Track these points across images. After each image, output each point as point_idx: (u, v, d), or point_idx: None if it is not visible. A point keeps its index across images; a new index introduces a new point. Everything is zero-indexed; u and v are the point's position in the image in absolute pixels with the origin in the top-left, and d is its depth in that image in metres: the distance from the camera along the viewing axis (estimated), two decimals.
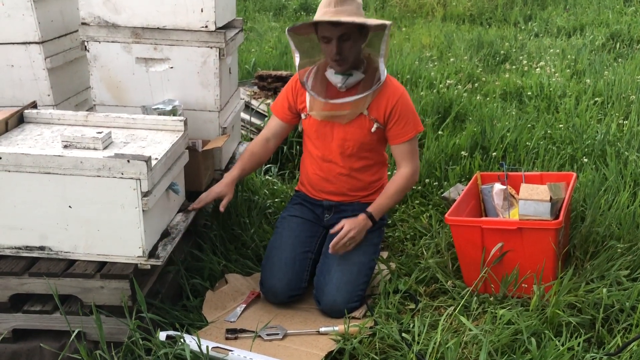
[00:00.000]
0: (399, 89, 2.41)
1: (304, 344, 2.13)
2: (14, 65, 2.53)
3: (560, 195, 2.37)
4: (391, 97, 2.37)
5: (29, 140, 2.15)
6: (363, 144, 2.42)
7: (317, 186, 2.54)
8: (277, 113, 2.54)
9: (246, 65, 5.29)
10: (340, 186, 2.49)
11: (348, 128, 2.40)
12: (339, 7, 2.22)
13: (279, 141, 2.60)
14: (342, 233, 2.32)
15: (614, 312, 2.18)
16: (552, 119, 4.08)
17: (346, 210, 2.50)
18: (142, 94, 2.53)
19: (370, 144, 2.43)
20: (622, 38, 6.26)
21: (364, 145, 2.42)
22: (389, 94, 2.37)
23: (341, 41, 2.25)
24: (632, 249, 2.49)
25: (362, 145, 2.42)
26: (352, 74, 2.34)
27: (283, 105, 2.51)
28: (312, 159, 2.52)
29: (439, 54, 6.02)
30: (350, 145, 2.42)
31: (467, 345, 2.04)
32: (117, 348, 1.97)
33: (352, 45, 2.28)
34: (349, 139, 2.41)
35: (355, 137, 2.41)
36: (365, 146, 2.43)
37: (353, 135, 2.41)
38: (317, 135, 2.47)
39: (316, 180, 2.53)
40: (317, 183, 2.53)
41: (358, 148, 2.42)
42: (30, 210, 1.97)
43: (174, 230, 2.22)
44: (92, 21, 2.45)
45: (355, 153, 2.43)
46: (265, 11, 8.51)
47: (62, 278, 1.97)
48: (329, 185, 2.51)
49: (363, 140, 2.41)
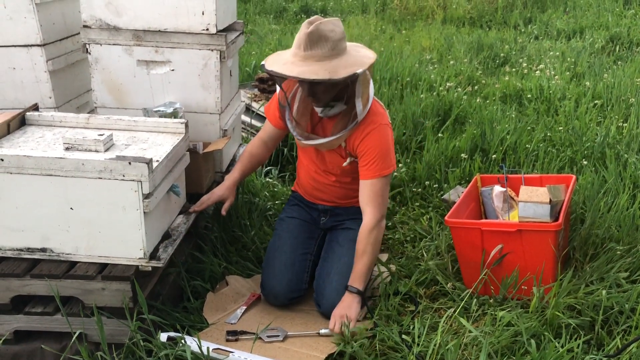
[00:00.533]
0: (373, 124, 2.27)
1: (304, 346, 2.14)
2: (16, 68, 2.54)
3: (560, 198, 2.38)
4: (363, 131, 2.27)
5: (30, 143, 2.16)
6: (342, 169, 2.41)
7: (311, 193, 2.56)
8: (271, 119, 2.53)
9: (247, 67, 5.30)
10: (332, 195, 2.50)
11: (329, 153, 2.40)
12: (308, 52, 2.08)
13: (276, 143, 2.62)
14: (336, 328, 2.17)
15: (614, 314, 2.19)
16: (552, 122, 4.09)
17: (341, 214, 2.52)
18: (143, 96, 2.54)
19: (348, 172, 2.41)
20: (622, 41, 6.27)
21: (344, 171, 2.42)
22: (362, 129, 2.27)
23: (313, 85, 2.16)
24: (631, 251, 2.50)
25: (343, 170, 2.41)
26: (332, 105, 2.28)
27: (275, 113, 2.49)
28: (304, 167, 2.55)
29: (439, 57, 6.04)
30: (333, 166, 2.43)
31: (467, 347, 2.05)
32: (118, 349, 1.97)
33: (326, 89, 2.18)
34: (331, 161, 2.42)
35: (336, 163, 2.41)
36: (345, 172, 2.42)
37: (334, 159, 2.41)
38: (304, 152, 2.50)
39: (309, 188, 2.55)
40: (311, 191, 2.56)
41: (341, 171, 2.42)
42: (31, 212, 1.98)
43: (175, 232, 2.23)
44: (93, 24, 2.46)
45: (340, 173, 2.43)
46: (266, 14, 8.52)
47: (64, 280, 1.98)
48: (321, 194, 2.53)
49: (341, 167, 2.40)
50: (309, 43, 2.08)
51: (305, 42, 2.08)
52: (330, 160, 2.41)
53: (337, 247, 2.42)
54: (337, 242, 2.44)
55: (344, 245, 2.41)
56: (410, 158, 3.62)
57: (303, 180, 2.58)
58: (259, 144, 2.56)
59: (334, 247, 2.44)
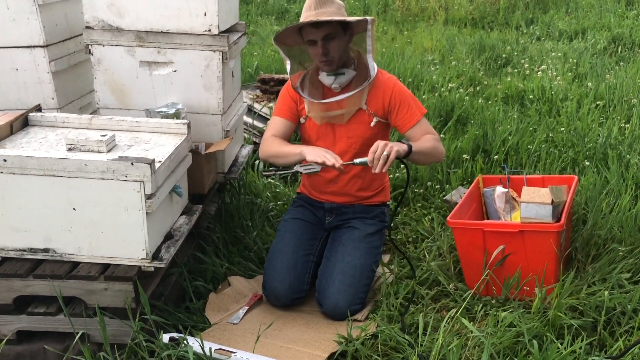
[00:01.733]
0: (391, 79, 2.45)
1: (306, 345, 2.14)
2: (19, 69, 2.55)
3: (562, 198, 2.38)
4: (386, 88, 2.41)
5: (33, 143, 2.16)
6: (365, 139, 2.43)
7: (320, 188, 2.55)
8: (283, 114, 2.50)
9: (248, 68, 5.31)
10: (344, 185, 2.49)
11: (349, 125, 2.43)
12: (319, 10, 2.27)
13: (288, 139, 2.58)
14: (376, 144, 2.17)
15: (616, 315, 2.18)
16: (554, 123, 4.09)
17: (347, 212, 2.52)
18: (146, 97, 2.54)
19: (372, 138, 2.42)
20: (624, 42, 6.27)
21: (367, 140, 2.42)
22: (383, 86, 2.41)
23: (326, 41, 2.30)
24: (633, 252, 2.50)
25: (365, 141, 2.43)
26: (343, 72, 2.37)
27: (289, 105, 2.49)
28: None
29: (440, 58, 6.04)
30: (353, 142, 2.43)
31: (469, 348, 2.05)
32: (120, 350, 1.98)
33: (338, 44, 2.32)
34: (351, 135, 2.43)
35: (357, 134, 2.43)
36: (368, 141, 2.42)
37: (355, 132, 2.43)
38: (318, 137, 2.48)
39: (319, 182, 2.54)
40: (320, 185, 2.54)
41: (361, 144, 2.43)
42: (34, 212, 1.99)
43: (177, 233, 2.23)
44: (96, 25, 2.47)
45: (359, 150, 2.44)
46: (268, 15, 8.52)
47: (66, 280, 1.98)
48: (332, 185, 2.51)
49: (365, 135, 2.43)
50: (318, 3, 2.28)
51: (314, 2, 2.29)
52: (352, 129, 2.42)
53: (341, 247, 2.42)
54: (340, 241, 2.44)
55: (348, 245, 2.41)
56: None
57: (312, 176, 2.55)
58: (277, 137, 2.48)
59: (337, 247, 2.43)
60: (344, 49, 2.35)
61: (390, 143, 2.20)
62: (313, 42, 2.32)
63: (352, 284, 2.32)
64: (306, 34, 2.32)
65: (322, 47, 2.30)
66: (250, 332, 2.22)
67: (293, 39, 2.39)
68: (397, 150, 2.18)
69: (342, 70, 2.37)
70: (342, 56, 2.36)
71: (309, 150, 2.27)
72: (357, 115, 2.42)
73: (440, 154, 2.44)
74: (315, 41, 2.31)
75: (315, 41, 2.31)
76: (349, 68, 2.39)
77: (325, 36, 2.29)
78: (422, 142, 2.36)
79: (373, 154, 2.16)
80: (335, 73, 2.37)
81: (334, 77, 2.37)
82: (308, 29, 2.30)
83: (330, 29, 2.28)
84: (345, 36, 2.34)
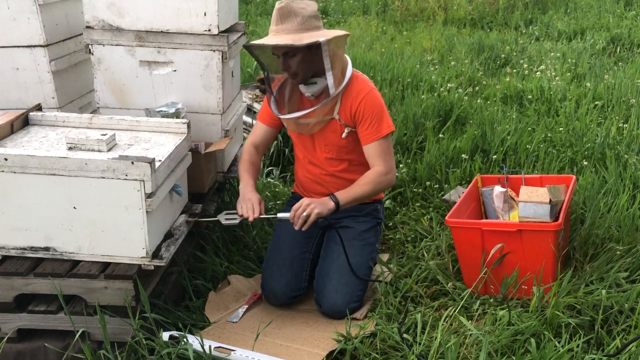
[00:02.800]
0: (364, 90, 2.37)
1: (305, 343, 2.15)
2: (19, 68, 2.56)
3: (560, 198, 2.39)
4: (355, 98, 2.36)
5: (34, 142, 2.17)
6: (340, 147, 2.44)
7: (309, 188, 2.58)
8: (264, 120, 2.56)
9: (248, 68, 5.32)
10: (329, 187, 2.49)
11: (324, 134, 2.43)
12: (279, 26, 2.24)
13: (265, 148, 2.63)
14: (297, 204, 2.26)
15: (613, 314, 2.19)
16: (553, 123, 4.10)
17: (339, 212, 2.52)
18: (146, 96, 2.55)
19: (347, 147, 2.44)
20: (623, 42, 6.28)
21: (342, 148, 2.44)
22: (354, 96, 2.36)
23: (286, 58, 2.26)
24: (631, 251, 2.51)
25: (340, 149, 2.44)
26: (315, 82, 2.35)
27: (269, 111, 2.52)
28: (300, 162, 2.57)
29: (440, 58, 6.05)
30: (329, 149, 2.45)
31: (467, 346, 2.06)
32: (120, 348, 1.99)
33: (300, 59, 2.26)
34: (327, 143, 2.45)
35: (332, 142, 2.44)
36: (343, 149, 2.44)
37: (329, 140, 2.44)
38: (299, 142, 2.52)
39: (307, 182, 2.57)
40: (308, 185, 2.57)
41: (337, 152, 2.45)
42: (35, 211, 2.00)
43: (177, 232, 2.24)
44: (96, 25, 2.48)
45: (336, 157, 2.46)
46: (267, 15, 8.53)
47: (67, 278, 1.99)
48: (318, 187, 2.54)
49: (339, 144, 2.43)
50: (279, 18, 2.25)
51: (276, 17, 2.26)
52: (327, 137, 2.43)
53: (335, 246, 2.42)
54: (335, 241, 2.44)
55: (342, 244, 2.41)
56: (411, 158, 3.63)
57: (300, 177, 2.60)
58: (254, 152, 2.55)
59: (332, 246, 2.44)
60: (310, 62, 2.28)
61: (313, 203, 2.23)
62: (277, 56, 2.31)
63: (348, 282, 2.33)
64: (268, 49, 2.31)
65: (283, 63, 2.28)
66: (249, 331, 2.23)
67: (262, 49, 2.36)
68: (318, 213, 2.23)
69: (314, 80, 2.34)
70: (308, 69, 2.30)
71: (240, 195, 2.36)
72: (330, 124, 2.41)
73: (382, 189, 2.44)
74: (278, 56, 2.30)
75: (278, 56, 2.30)
76: (321, 77, 2.34)
77: (285, 53, 2.26)
78: (356, 189, 2.35)
79: (294, 211, 2.23)
80: (308, 83, 2.35)
81: (306, 87, 2.36)
82: (266, 47, 2.29)
83: (287, 47, 2.23)
84: (310, 51, 2.26)
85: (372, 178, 2.37)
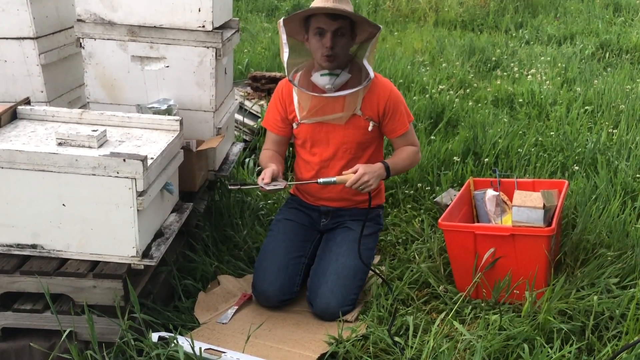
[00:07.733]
0: (388, 85, 2.45)
1: (296, 345, 2.13)
2: (7, 61, 2.50)
3: (553, 203, 2.39)
4: (382, 94, 2.40)
5: (22, 137, 2.12)
6: (360, 144, 2.42)
7: (315, 194, 2.52)
8: (272, 128, 2.52)
9: (239, 65, 5.28)
10: (340, 191, 2.45)
11: (345, 130, 2.40)
12: (337, 4, 2.24)
13: (283, 152, 2.58)
14: (356, 176, 2.25)
15: (604, 320, 2.20)
16: (543, 127, 4.11)
17: (344, 215, 2.50)
18: (137, 92, 2.51)
19: (366, 143, 2.43)
20: (612, 47, 6.32)
21: (361, 145, 2.42)
22: (379, 91, 2.40)
23: (336, 35, 2.26)
24: (621, 257, 2.52)
25: (359, 146, 2.42)
26: (338, 73, 2.33)
27: (275, 118, 2.49)
28: (309, 166, 2.49)
29: (431, 59, 6.05)
30: (348, 147, 2.42)
31: (459, 351, 2.05)
32: (108, 348, 1.95)
33: (345, 42, 2.30)
34: (346, 141, 2.41)
35: (352, 139, 2.41)
36: (362, 146, 2.43)
37: (350, 137, 2.41)
38: (312, 143, 2.45)
39: (314, 187, 2.47)
40: (316, 190, 2.50)
41: (355, 149, 2.43)
42: (23, 207, 1.95)
43: (168, 231, 2.21)
44: (88, 18, 2.43)
45: (354, 154, 2.43)
46: (258, 12, 8.49)
47: (54, 277, 1.95)
48: (329, 192, 2.48)
49: (360, 140, 2.42)
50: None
51: None
52: (348, 135, 2.40)
53: (335, 247, 2.40)
54: (335, 242, 2.42)
55: (342, 246, 2.39)
56: None
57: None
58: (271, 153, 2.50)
59: (331, 247, 2.41)
60: (347, 49, 2.33)
61: (368, 175, 2.25)
62: (321, 32, 2.26)
63: (345, 285, 2.30)
64: (318, 22, 2.26)
65: (331, 39, 2.25)
66: (239, 332, 2.20)
67: (296, 28, 2.34)
68: (373, 188, 2.31)
69: (337, 71, 2.33)
70: (346, 55, 2.33)
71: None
72: (351, 121, 2.39)
73: (415, 164, 2.60)
74: (323, 32, 2.25)
75: (323, 32, 2.25)
76: (344, 70, 2.35)
77: (336, 30, 2.25)
78: (400, 160, 2.45)
79: (352, 183, 2.26)
80: (331, 73, 2.32)
81: (329, 77, 2.32)
82: (321, 18, 2.25)
83: (343, 23, 2.25)
84: (352, 37, 2.32)
85: (411, 154, 2.49)
